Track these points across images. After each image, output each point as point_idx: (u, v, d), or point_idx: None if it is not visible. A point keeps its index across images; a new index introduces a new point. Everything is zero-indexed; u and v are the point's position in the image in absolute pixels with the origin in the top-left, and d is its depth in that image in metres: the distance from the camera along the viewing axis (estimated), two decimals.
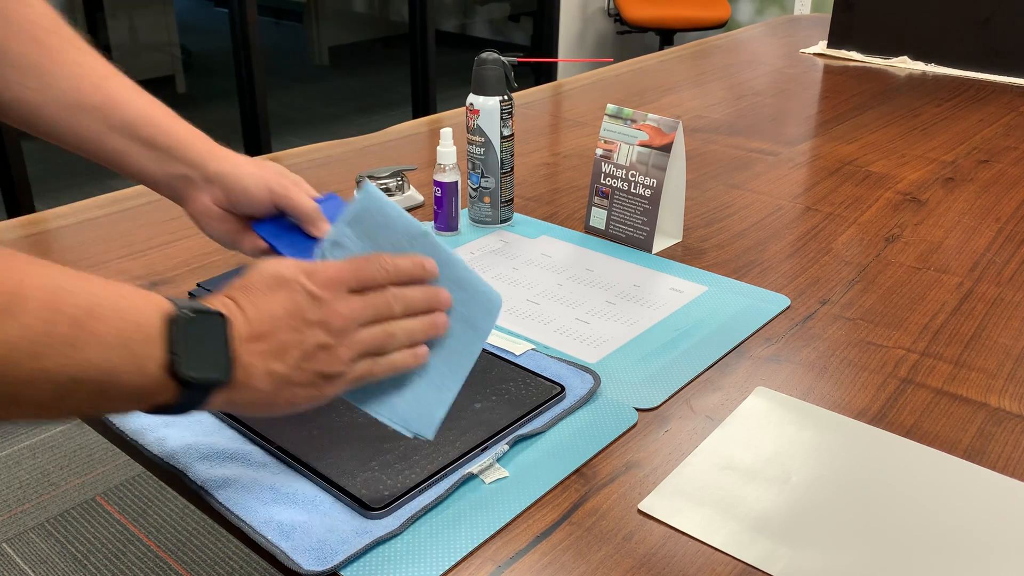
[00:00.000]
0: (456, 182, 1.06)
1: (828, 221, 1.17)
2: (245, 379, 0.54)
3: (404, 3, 5.29)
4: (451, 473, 0.67)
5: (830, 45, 2.16)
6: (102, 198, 1.19)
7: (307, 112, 4.46)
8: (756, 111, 1.68)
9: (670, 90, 1.81)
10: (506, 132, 1.07)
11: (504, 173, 1.09)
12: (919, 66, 2.03)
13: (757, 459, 0.70)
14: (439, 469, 0.66)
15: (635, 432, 0.74)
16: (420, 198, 1.19)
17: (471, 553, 0.61)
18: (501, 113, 1.06)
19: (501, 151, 1.08)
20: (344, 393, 0.60)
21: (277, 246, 0.75)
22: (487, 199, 1.10)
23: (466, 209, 1.15)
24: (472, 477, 0.67)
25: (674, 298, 0.95)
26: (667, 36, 4.43)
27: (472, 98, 1.06)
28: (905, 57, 2.06)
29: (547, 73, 4.36)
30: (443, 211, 1.08)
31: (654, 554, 0.61)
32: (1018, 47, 1.92)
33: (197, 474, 0.66)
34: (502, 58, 1.05)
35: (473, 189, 1.11)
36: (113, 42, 4.05)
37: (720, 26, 4.25)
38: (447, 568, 0.59)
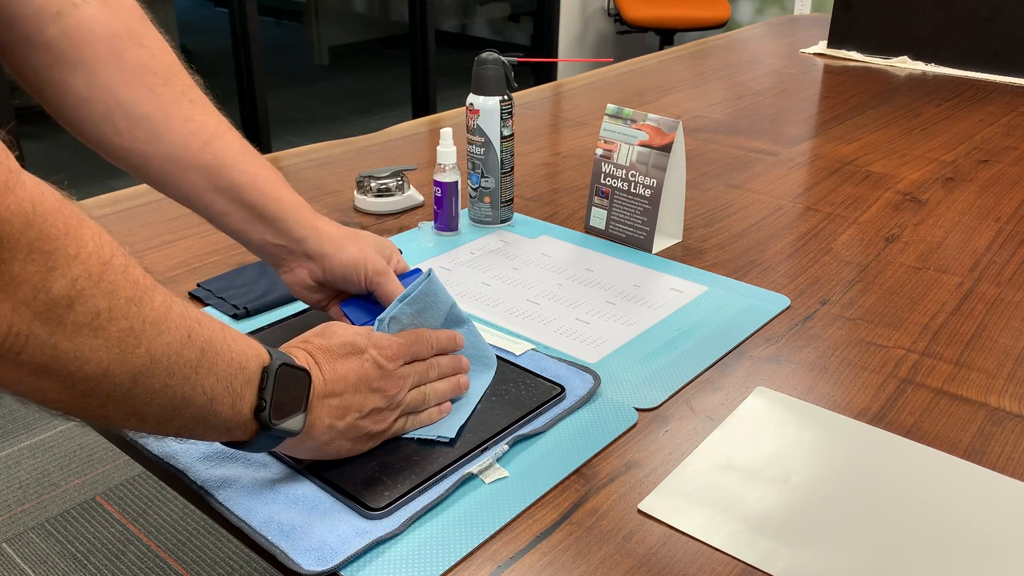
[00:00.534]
0: (456, 182, 1.06)
1: (828, 221, 1.17)
2: (309, 430, 0.62)
3: (404, 3, 5.29)
4: (451, 473, 0.67)
5: (830, 45, 2.16)
6: (102, 198, 1.19)
7: (307, 112, 4.46)
8: (756, 111, 1.68)
9: (670, 90, 1.82)
10: (506, 132, 1.07)
11: (504, 173, 1.09)
12: (919, 66, 2.03)
13: (757, 459, 0.70)
14: (439, 469, 0.66)
15: (635, 432, 0.74)
16: (420, 198, 1.19)
17: (471, 553, 0.61)
18: (501, 113, 1.06)
19: (501, 151, 1.08)
20: None
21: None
22: (487, 199, 1.10)
23: (466, 209, 1.15)
24: (472, 477, 0.67)
25: (674, 298, 0.95)
26: (667, 36, 4.43)
27: (472, 98, 1.06)
28: (905, 57, 2.06)
29: (547, 73, 4.37)
30: (443, 211, 1.08)
31: (654, 554, 0.61)
32: (1018, 47, 1.92)
33: (197, 474, 0.66)
34: (502, 58, 1.05)
35: (473, 189, 1.11)
36: None
37: (720, 26, 4.25)
38: (447, 568, 0.59)
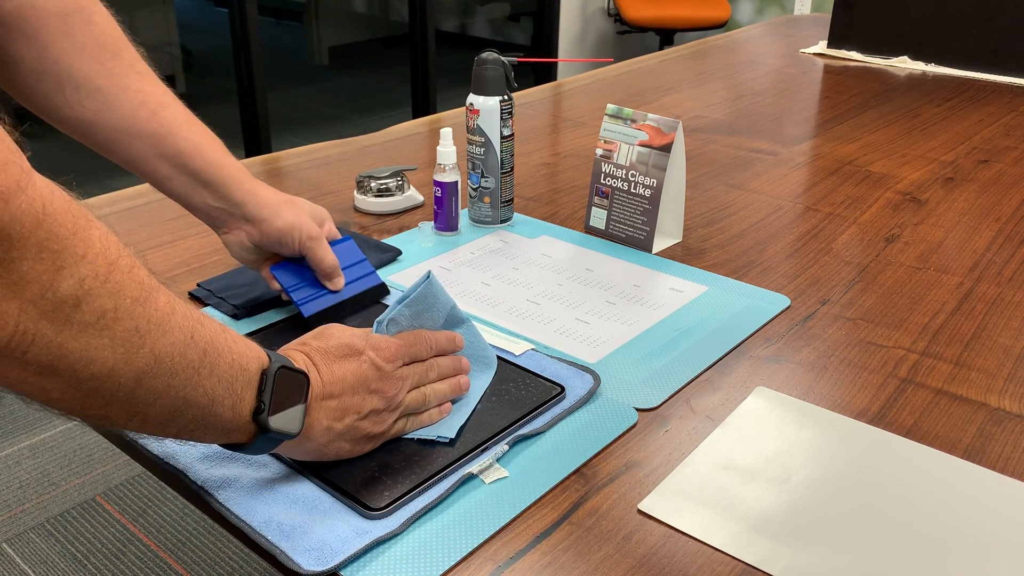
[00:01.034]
0: (456, 182, 1.06)
1: (828, 221, 1.17)
2: (307, 432, 0.62)
3: (404, 3, 5.29)
4: (451, 473, 0.67)
5: (830, 45, 2.16)
6: (102, 198, 1.19)
7: (307, 112, 4.46)
8: (756, 111, 1.68)
9: (670, 90, 1.81)
10: (506, 132, 1.07)
11: (504, 173, 1.09)
12: (919, 66, 2.03)
13: (757, 459, 0.70)
14: (439, 469, 0.66)
15: (635, 432, 0.74)
16: (420, 198, 1.19)
17: (471, 553, 0.61)
18: (501, 113, 1.06)
19: (501, 151, 1.08)
20: None
21: (290, 293, 0.87)
22: (487, 199, 1.10)
23: (466, 209, 1.15)
24: (472, 477, 0.67)
25: (674, 298, 0.95)
26: (667, 36, 4.43)
27: (472, 98, 1.06)
28: (905, 57, 2.06)
29: (547, 73, 4.37)
30: (443, 211, 1.08)
31: (654, 554, 0.61)
32: (1018, 47, 1.92)
33: (197, 474, 0.66)
34: (502, 58, 1.05)
35: (473, 189, 1.11)
36: None
37: (720, 26, 4.25)
38: (447, 568, 0.59)
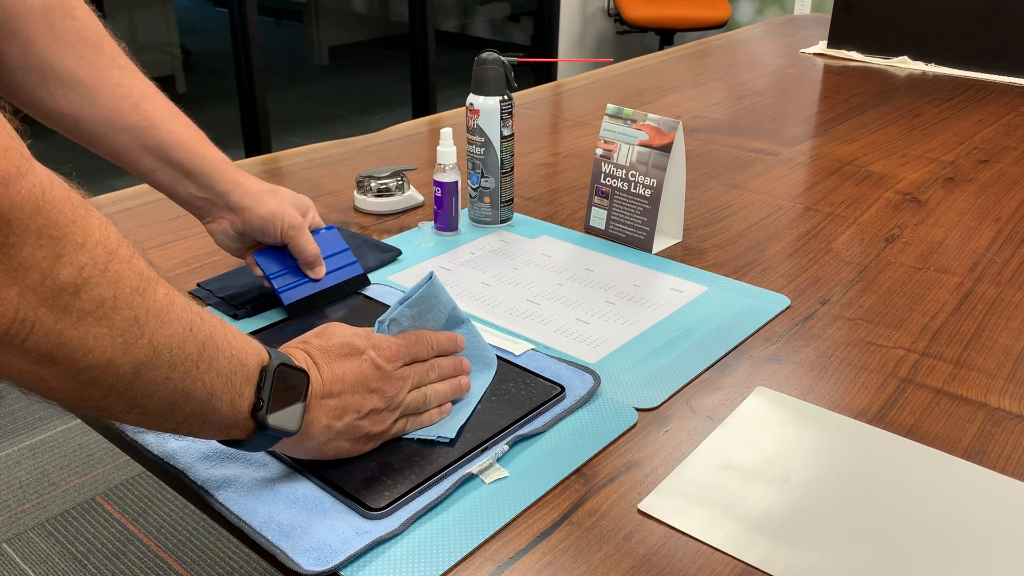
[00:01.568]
0: (456, 182, 1.06)
1: (828, 221, 1.17)
2: (307, 430, 0.62)
3: (404, 3, 5.29)
4: (451, 473, 0.67)
5: (830, 45, 2.16)
6: (102, 198, 1.19)
7: (307, 112, 4.46)
8: (756, 111, 1.68)
9: (670, 90, 1.81)
10: (506, 132, 1.07)
11: (504, 173, 1.09)
12: (919, 66, 2.03)
13: (757, 459, 0.70)
14: (439, 469, 0.66)
15: (635, 432, 0.74)
16: (420, 198, 1.19)
17: (471, 553, 0.61)
18: (501, 113, 1.06)
19: (501, 151, 1.08)
20: None
21: (271, 280, 0.88)
22: (487, 199, 1.10)
23: (466, 209, 1.15)
24: (472, 477, 0.67)
25: (674, 298, 0.95)
26: (667, 36, 4.43)
27: (472, 98, 1.06)
28: (905, 57, 2.06)
29: (547, 73, 4.37)
30: (443, 211, 1.08)
31: (654, 554, 0.61)
32: (1018, 47, 1.92)
33: (197, 474, 0.66)
34: (502, 58, 1.05)
35: (473, 189, 1.11)
36: None
37: (720, 26, 4.25)
38: (447, 568, 0.59)
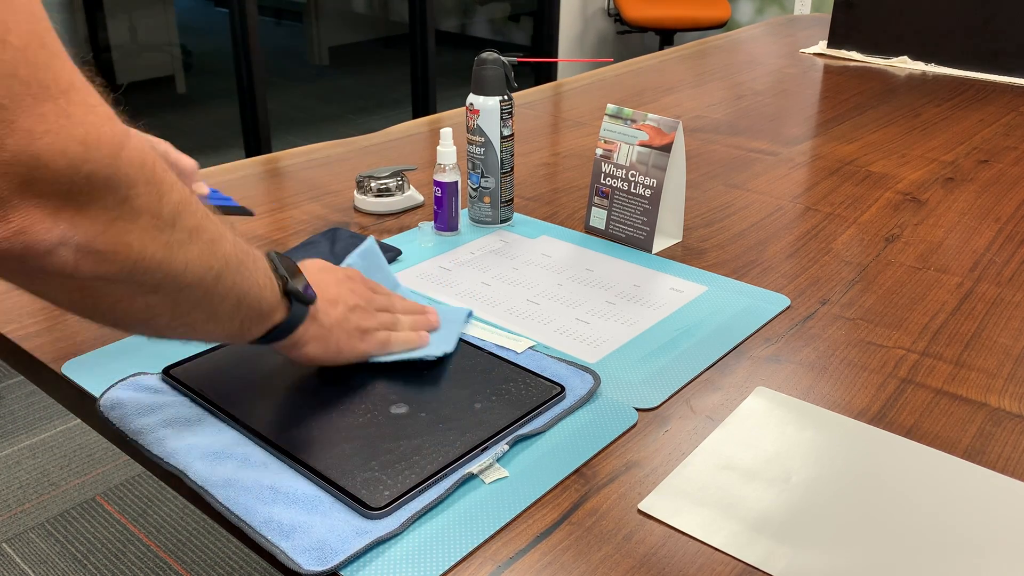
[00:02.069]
0: (456, 182, 1.06)
1: (828, 221, 1.17)
2: (315, 312, 0.72)
3: (404, 3, 5.29)
4: (451, 473, 0.67)
5: (830, 45, 2.16)
6: None
7: (307, 112, 4.46)
8: (756, 111, 1.68)
9: (670, 90, 1.81)
10: (506, 132, 1.07)
11: (504, 173, 1.09)
12: (919, 66, 2.03)
13: (757, 459, 0.70)
14: (439, 469, 0.66)
15: (635, 432, 0.74)
16: (420, 198, 1.19)
17: (471, 553, 0.61)
18: (501, 113, 1.06)
19: (501, 151, 1.08)
20: (379, 359, 0.79)
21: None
22: (487, 199, 1.10)
23: (466, 209, 1.15)
24: (472, 477, 0.67)
25: (674, 298, 0.95)
26: (667, 36, 4.43)
27: (472, 98, 1.06)
28: (905, 57, 2.06)
29: (547, 73, 4.36)
30: (443, 211, 1.08)
31: (654, 554, 0.61)
32: (1018, 47, 1.92)
33: (197, 474, 0.66)
34: (502, 58, 1.05)
35: (473, 189, 1.11)
36: (113, 42, 4.05)
37: (720, 26, 4.25)
38: (447, 568, 0.59)
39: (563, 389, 0.76)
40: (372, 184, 1.15)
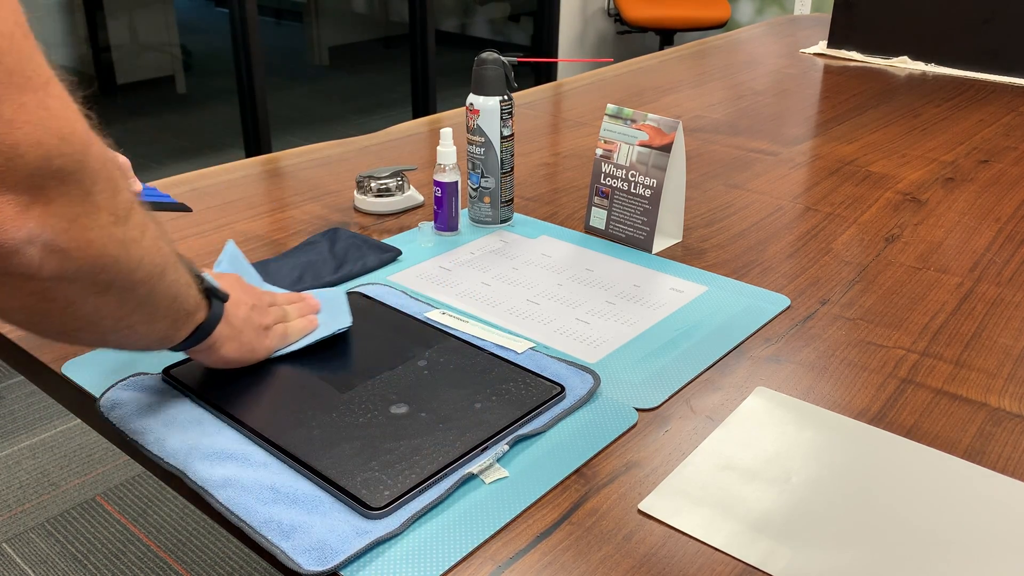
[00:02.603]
0: (456, 182, 1.06)
1: (828, 221, 1.17)
2: (226, 313, 0.72)
3: (404, 3, 5.29)
4: (451, 473, 0.67)
5: (830, 45, 2.16)
6: None
7: (307, 112, 4.46)
8: (756, 111, 1.68)
9: (670, 90, 1.82)
10: (506, 132, 1.07)
11: (504, 173, 1.09)
12: (919, 66, 2.03)
13: (757, 459, 0.70)
14: (439, 469, 0.66)
15: (635, 432, 0.74)
16: (420, 198, 1.19)
17: (471, 553, 0.61)
18: (501, 113, 1.06)
19: (501, 151, 1.08)
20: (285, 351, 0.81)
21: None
22: (487, 199, 1.10)
23: (466, 209, 1.15)
24: (472, 477, 0.67)
25: (674, 298, 0.95)
26: (667, 36, 4.43)
27: (472, 98, 1.06)
28: (905, 57, 2.06)
29: (547, 73, 4.36)
30: (443, 211, 1.08)
31: (654, 554, 0.61)
32: (1018, 47, 1.92)
33: (197, 474, 0.66)
34: (502, 58, 1.05)
35: (473, 189, 1.11)
36: (113, 42, 4.05)
37: (720, 26, 4.25)
38: (447, 568, 0.59)
39: (563, 389, 0.76)
40: (372, 184, 1.15)
